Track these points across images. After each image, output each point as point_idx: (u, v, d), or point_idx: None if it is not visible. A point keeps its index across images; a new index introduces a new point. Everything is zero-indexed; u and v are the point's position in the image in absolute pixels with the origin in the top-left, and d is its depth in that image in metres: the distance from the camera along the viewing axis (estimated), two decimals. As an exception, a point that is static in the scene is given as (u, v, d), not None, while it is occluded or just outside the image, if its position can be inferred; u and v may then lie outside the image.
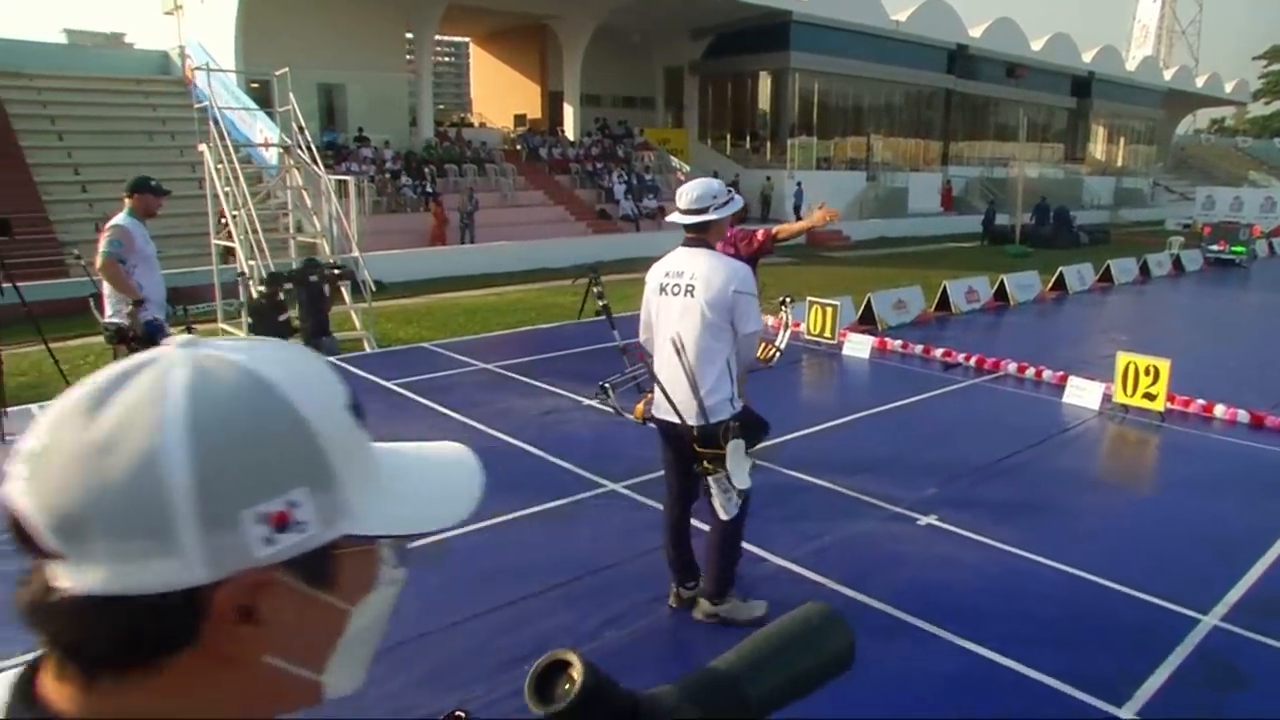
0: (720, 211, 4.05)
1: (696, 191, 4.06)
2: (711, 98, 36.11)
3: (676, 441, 4.11)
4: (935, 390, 8.64)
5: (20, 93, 25.10)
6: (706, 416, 3.87)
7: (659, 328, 4.11)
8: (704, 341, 3.91)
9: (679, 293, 3.97)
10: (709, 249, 4.06)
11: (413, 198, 25.66)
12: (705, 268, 3.95)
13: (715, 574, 4.17)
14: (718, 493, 3.89)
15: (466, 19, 34.78)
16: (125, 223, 6.29)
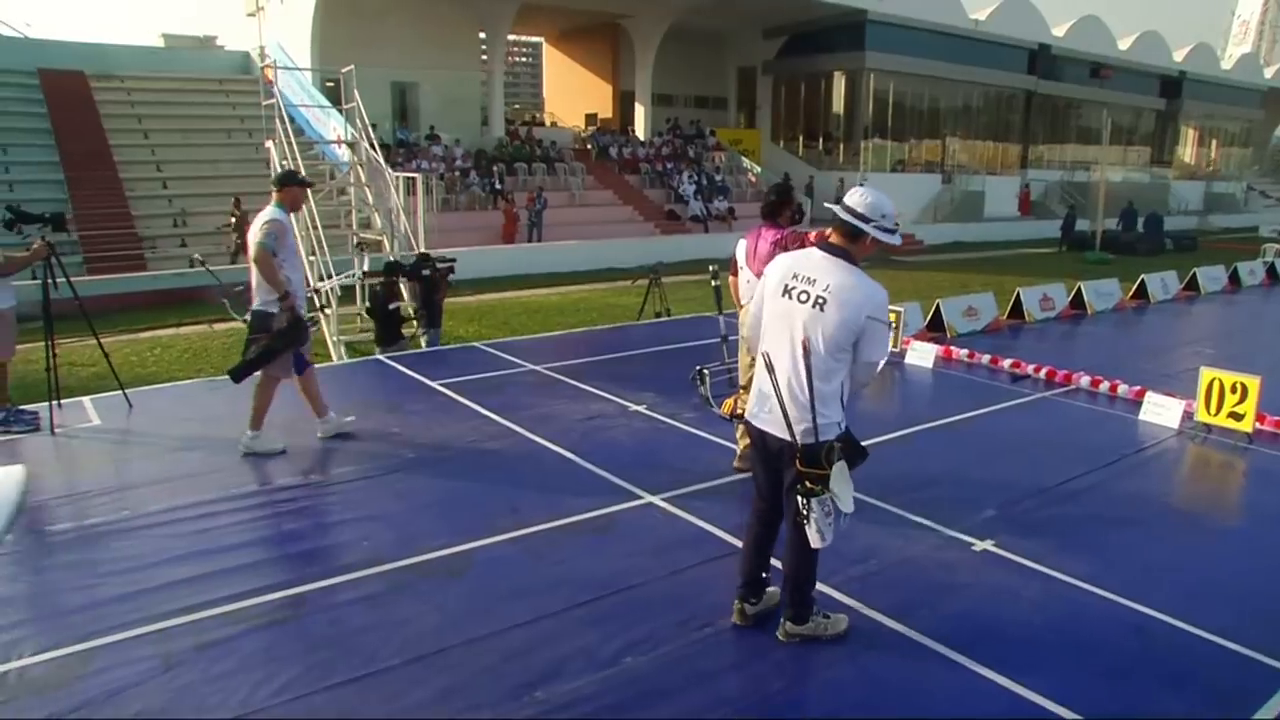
0: (880, 234, 3.74)
1: (871, 198, 3.77)
2: (784, 98, 35.62)
3: (773, 455, 3.90)
4: (1001, 403, 8.17)
5: (112, 94, 25.97)
6: (817, 435, 3.68)
7: (774, 330, 3.86)
8: (827, 358, 3.69)
9: (807, 300, 3.72)
10: (850, 263, 3.76)
11: (481, 196, 25.79)
12: (843, 283, 3.69)
13: (796, 597, 4.03)
14: (819, 515, 3.66)
15: (540, 18, 34.91)
16: (279, 216, 6.32)
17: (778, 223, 5.83)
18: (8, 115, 23.88)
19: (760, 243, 5.75)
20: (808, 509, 3.67)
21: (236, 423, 7.19)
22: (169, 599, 4.33)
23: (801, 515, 3.69)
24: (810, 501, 3.66)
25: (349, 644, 3.96)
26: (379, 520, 5.28)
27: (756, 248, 5.77)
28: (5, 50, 26.45)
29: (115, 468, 6.31)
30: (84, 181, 22.27)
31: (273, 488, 5.83)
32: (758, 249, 5.75)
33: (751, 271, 5.70)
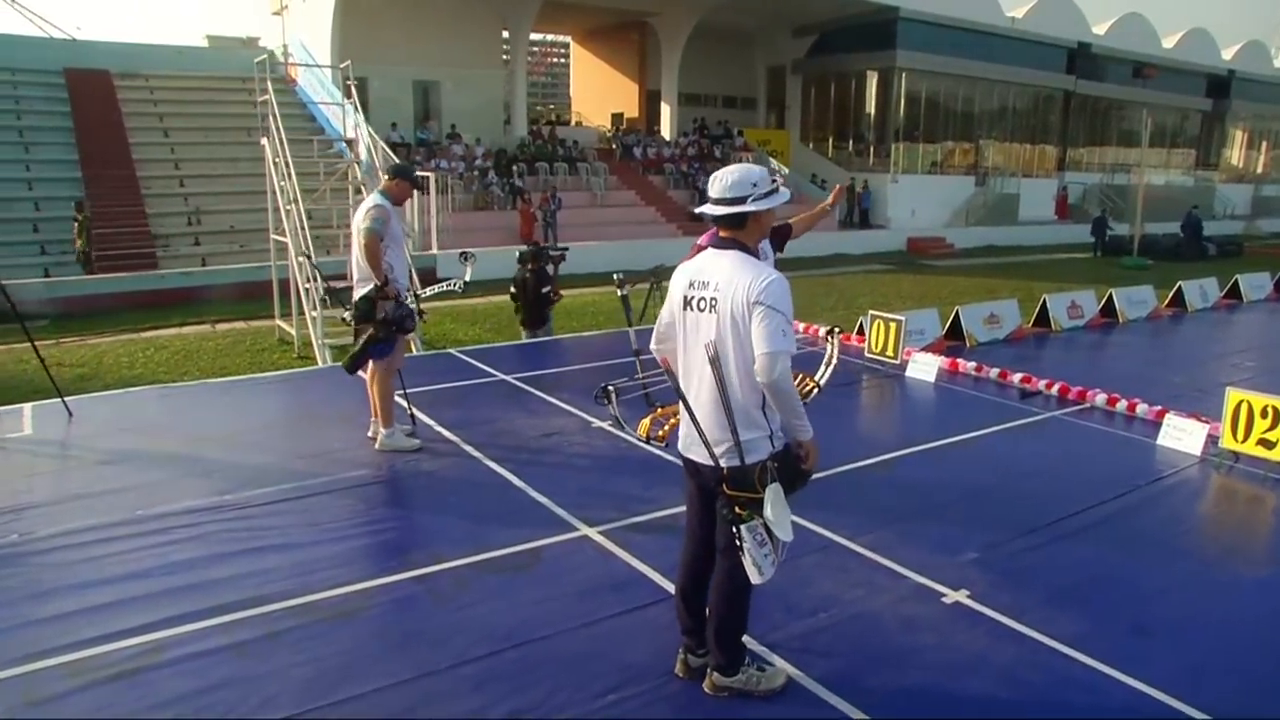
0: (761, 203, 3.28)
1: (732, 177, 3.31)
2: (814, 98, 34.81)
3: (704, 486, 3.47)
4: (1005, 423, 7.43)
5: (135, 93, 25.99)
6: (742, 455, 3.23)
7: (685, 348, 3.39)
8: (736, 367, 3.21)
9: (704, 308, 3.29)
10: (740, 250, 3.30)
11: (500, 195, 25.38)
12: (729, 273, 3.24)
13: (724, 641, 3.52)
14: (752, 546, 3.21)
15: (564, 17, 34.49)
16: (384, 203, 6.21)
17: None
18: (32, 114, 23.95)
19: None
20: (739, 539, 3.22)
21: (174, 435, 6.79)
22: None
23: (735, 547, 3.24)
24: (740, 530, 3.22)
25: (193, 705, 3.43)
26: (280, 551, 4.75)
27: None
28: (33, 50, 26.54)
29: (23, 484, 5.85)
30: (101, 180, 22.18)
31: (179, 510, 5.30)
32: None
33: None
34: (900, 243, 28.54)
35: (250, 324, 15.37)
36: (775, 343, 3.10)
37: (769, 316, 3.12)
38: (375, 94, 28.44)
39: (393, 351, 6.34)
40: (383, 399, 6.38)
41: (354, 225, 6.33)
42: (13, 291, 16.67)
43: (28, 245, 19.99)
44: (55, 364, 12.42)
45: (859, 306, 15.30)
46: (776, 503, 3.21)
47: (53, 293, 17.24)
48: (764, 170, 3.36)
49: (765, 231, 3.45)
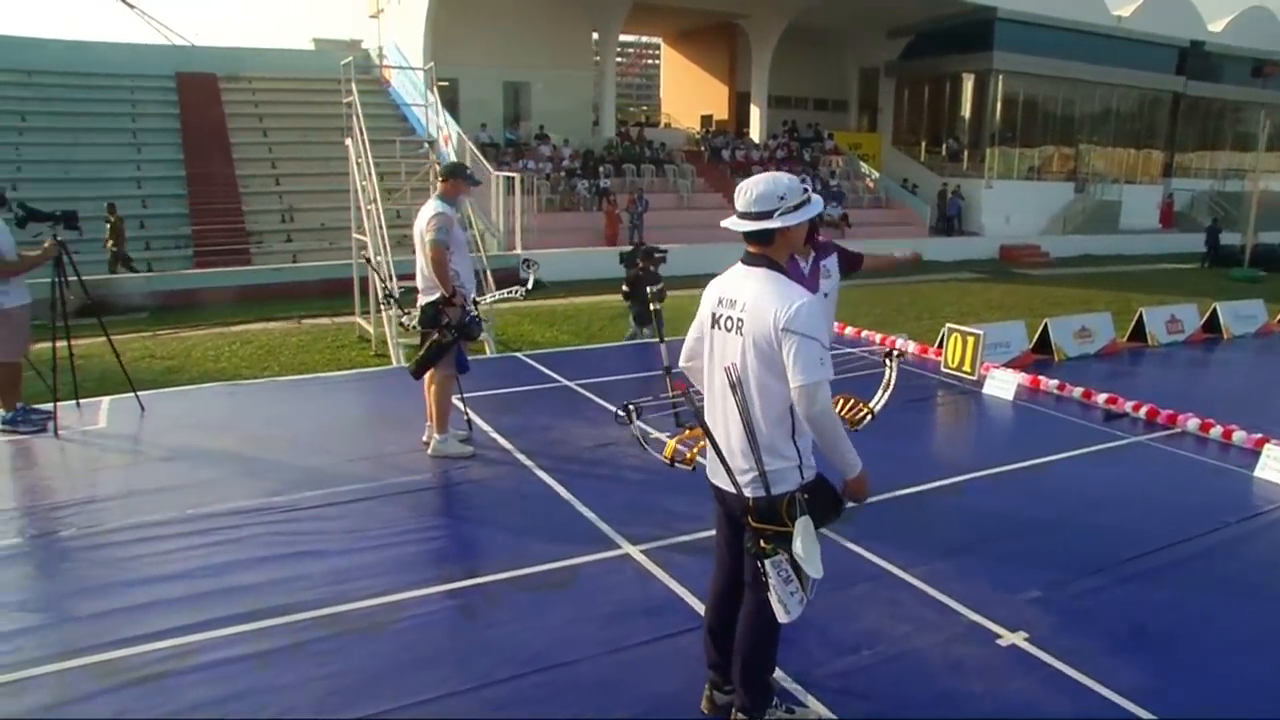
0: (789, 217, 3.05)
1: (759, 189, 3.08)
2: (907, 101, 33.96)
3: (732, 515, 3.29)
4: (1085, 447, 6.99)
5: (238, 95, 26.91)
6: (767, 485, 3.04)
7: (711, 369, 3.22)
8: (763, 392, 3.02)
9: (730, 327, 3.09)
10: (770, 268, 3.08)
11: (586, 197, 25.45)
12: (757, 293, 3.03)
13: (749, 680, 3.31)
14: (777, 583, 3.01)
15: (654, 18, 34.45)
16: (445, 210, 6.17)
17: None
18: (145, 116, 25.09)
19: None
20: (764, 574, 3.02)
21: (235, 433, 6.90)
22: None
23: (762, 582, 3.04)
24: (764, 565, 3.01)
25: (209, 714, 3.41)
26: (318, 558, 4.73)
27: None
28: (150, 56, 27.71)
29: (89, 477, 6.01)
30: (202, 178, 23.04)
31: (227, 510, 5.35)
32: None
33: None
34: (993, 250, 27.62)
35: (334, 320, 15.68)
36: (812, 373, 2.90)
37: (803, 345, 2.91)
38: (466, 95, 28.86)
39: (459, 357, 6.31)
40: (439, 404, 6.35)
41: (416, 232, 6.29)
42: (116, 285, 17.57)
43: (133, 241, 20.83)
44: (147, 356, 12.91)
45: (944, 317, 14.78)
46: (806, 537, 3.00)
47: (153, 286, 17.93)
48: (794, 180, 3.13)
49: (795, 246, 3.22)
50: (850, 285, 19.24)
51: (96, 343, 12.68)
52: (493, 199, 22.60)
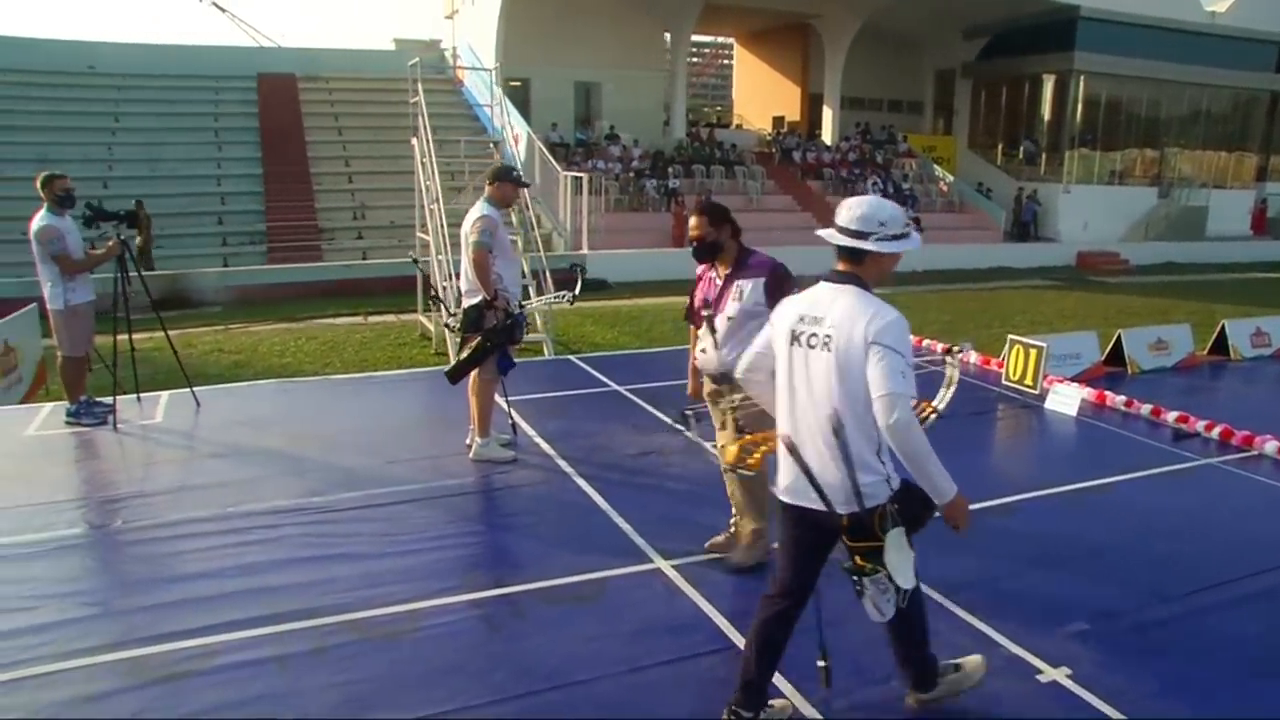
0: (885, 244, 3.07)
1: (862, 209, 3.10)
2: (984, 103, 33.13)
3: (810, 532, 3.26)
4: (1151, 468, 6.65)
5: (315, 94, 27.49)
6: (861, 500, 3.06)
7: (792, 387, 3.20)
8: (851, 409, 3.04)
9: (816, 344, 3.11)
10: (857, 286, 3.10)
11: (655, 197, 25.39)
12: (845, 309, 3.05)
13: (913, 667, 3.52)
14: (874, 593, 3.15)
15: (727, 19, 34.28)
16: (490, 213, 6.13)
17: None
18: (227, 116, 25.86)
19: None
20: (861, 588, 3.16)
21: (283, 431, 6.99)
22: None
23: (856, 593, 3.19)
24: (864, 581, 3.14)
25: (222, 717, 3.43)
26: (348, 561, 4.74)
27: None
28: (233, 58, 28.56)
29: (141, 471, 6.15)
30: (278, 176, 23.63)
31: (265, 509, 5.41)
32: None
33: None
34: (1069, 257, 26.78)
35: (400, 317, 15.90)
36: (894, 384, 2.91)
37: (888, 357, 2.93)
38: (537, 95, 29.06)
39: (501, 359, 6.28)
40: (481, 408, 6.33)
41: (462, 234, 6.29)
42: (191, 280, 18.07)
43: (212, 237, 21.48)
44: (216, 350, 13.24)
45: (1013, 325, 14.38)
46: (898, 549, 3.07)
47: (226, 281, 18.42)
48: (898, 211, 3.14)
49: (884, 274, 3.16)
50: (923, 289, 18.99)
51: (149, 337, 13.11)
52: (560, 199, 22.73)
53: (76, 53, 26.62)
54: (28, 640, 3.97)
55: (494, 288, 6.03)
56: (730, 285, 4.48)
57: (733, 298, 4.44)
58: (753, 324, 4.27)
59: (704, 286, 4.66)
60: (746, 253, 4.57)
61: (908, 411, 2.91)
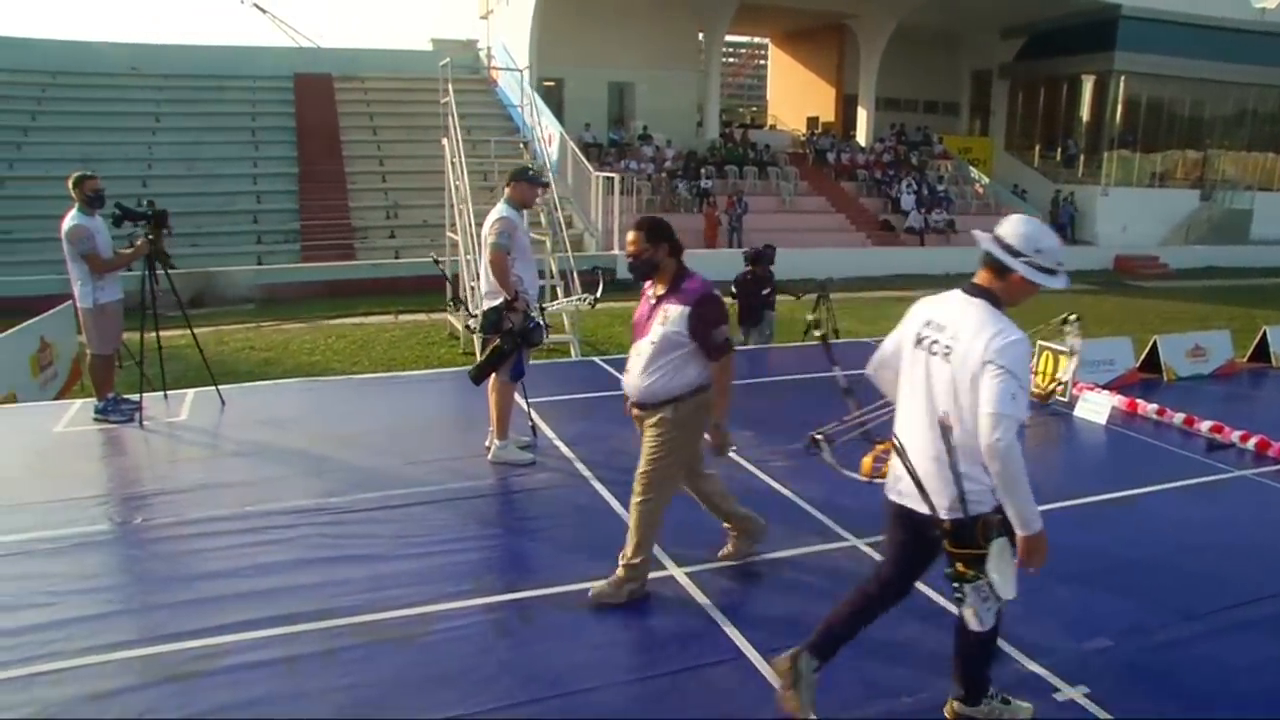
0: (1031, 272, 3.04)
1: (1023, 229, 3.09)
2: (1021, 104, 32.72)
3: (913, 532, 3.32)
4: (1181, 480, 6.48)
5: (351, 94, 27.79)
6: (965, 507, 3.10)
7: (909, 389, 3.30)
8: (964, 420, 3.07)
9: (937, 352, 3.15)
10: (989, 301, 3.09)
11: (687, 198, 25.33)
12: (971, 324, 3.07)
13: (964, 675, 3.47)
14: (975, 600, 3.17)
15: (761, 19, 34.17)
16: (509, 214, 6.11)
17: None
18: (264, 116, 26.23)
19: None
20: (961, 595, 3.20)
21: (305, 430, 7.03)
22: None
23: (956, 599, 3.26)
24: (964, 588, 3.17)
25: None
26: (361, 563, 4.74)
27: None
28: (271, 58, 28.91)
29: (165, 468, 6.21)
30: (313, 175, 23.88)
31: (283, 509, 5.43)
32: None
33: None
34: (1107, 261, 26.36)
35: (430, 316, 15.99)
36: (1003, 404, 2.90)
37: (1002, 377, 2.92)
38: (571, 95, 29.12)
39: (515, 364, 6.27)
40: (500, 410, 6.31)
41: (482, 237, 6.28)
42: (224, 277, 18.28)
43: (246, 235, 21.74)
44: (247, 347, 13.39)
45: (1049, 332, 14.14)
46: (1001, 559, 3.07)
47: (260, 279, 18.63)
48: (1058, 247, 3.10)
49: (1017, 299, 3.12)
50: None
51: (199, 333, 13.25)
52: (592, 199, 22.74)
53: (121, 54, 27.10)
54: (43, 636, 4.01)
55: (515, 289, 6.01)
56: (659, 307, 4.25)
57: (658, 321, 4.21)
58: (676, 353, 4.17)
59: (642, 304, 4.42)
60: (683, 275, 4.26)
61: (1010, 435, 2.91)
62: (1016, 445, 2.93)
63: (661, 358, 4.19)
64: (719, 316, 4.20)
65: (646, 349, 4.24)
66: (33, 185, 20.68)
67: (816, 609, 4.26)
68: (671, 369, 4.19)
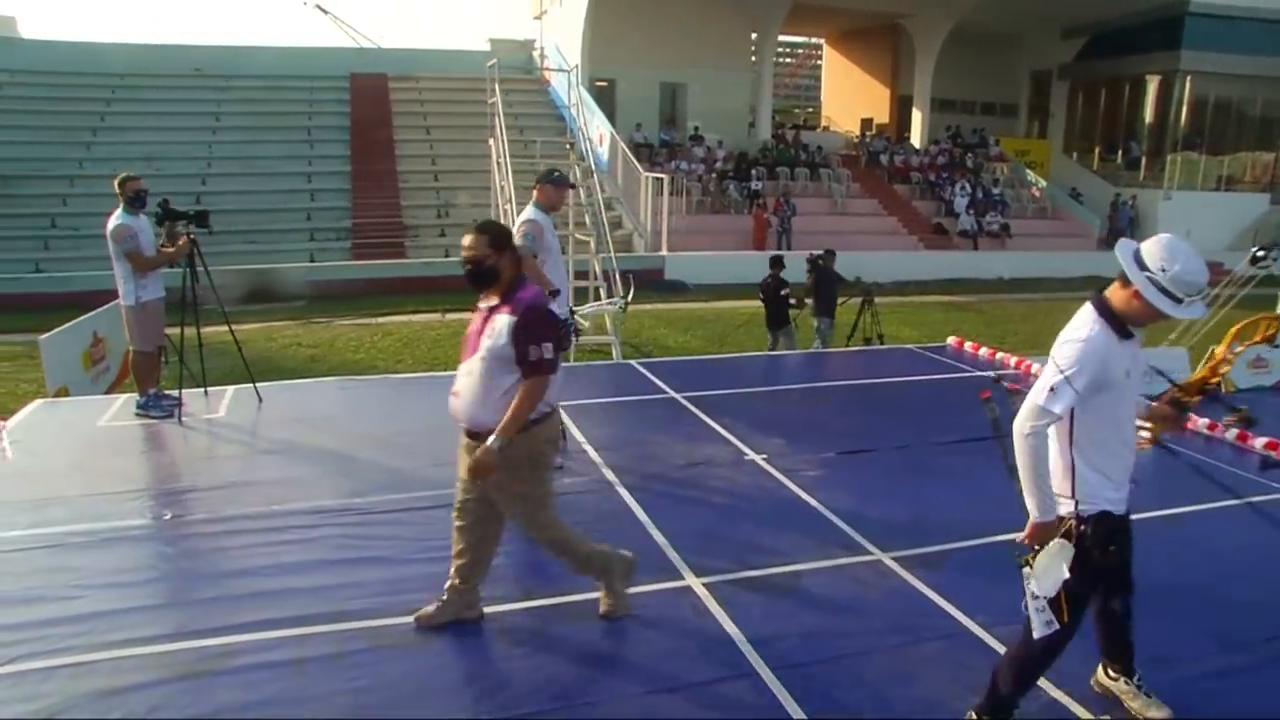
0: (1147, 288, 2.99)
1: (1163, 246, 3.03)
2: (1082, 105, 31.92)
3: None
4: (1232, 499, 6.21)
5: (405, 94, 28.11)
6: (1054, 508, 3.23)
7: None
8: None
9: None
10: (1096, 307, 3.14)
11: (737, 199, 25.19)
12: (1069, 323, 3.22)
13: (992, 689, 3.42)
14: (1030, 598, 3.22)
15: (816, 19, 33.85)
16: (536, 216, 6.14)
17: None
18: (320, 115, 26.65)
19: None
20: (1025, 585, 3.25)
21: (337, 430, 7.09)
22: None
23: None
24: (1029, 582, 3.22)
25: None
26: (380, 565, 4.76)
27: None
28: (328, 59, 29.37)
29: (199, 464, 6.31)
30: (366, 174, 24.19)
31: (308, 509, 5.47)
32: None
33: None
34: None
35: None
36: (1035, 394, 3.07)
37: (1048, 370, 3.08)
38: (623, 95, 29.13)
39: None
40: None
41: None
42: (277, 274, 18.58)
43: (299, 232, 22.10)
44: (295, 344, 13.59)
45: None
46: (1051, 557, 3.13)
47: (311, 276, 18.92)
48: (1194, 276, 2.96)
49: (1132, 314, 3.07)
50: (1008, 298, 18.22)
51: (250, 329, 13.51)
52: (641, 199, 22.72)
53: (185, 56, 27.75)
54: (67, 629, 4.08)
55: (552, 285, 5.95)
56: (490, 320, 3.84)
57: (488, 335, 3.81)
58: (508, 379, 3.76)
59: (474, 318, 4.00)
60: (517, 286, 3.86)
61: (1029, 422, 3.04)
62: (1034, 435, 3.04)
63: (493, 378, 3.78)
64: (545, 332, 3.78)
65: (476, 366, 3.82)
66: (100, 184, 21.18)
67: (835, 625, 4.23)
68: (500, 393, 3.78)
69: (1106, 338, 3.07)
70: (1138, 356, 3.19)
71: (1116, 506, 3.25)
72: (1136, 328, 3.13)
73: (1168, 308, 2.96)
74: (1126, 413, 3.24)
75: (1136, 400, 3.39)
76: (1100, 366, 3.03)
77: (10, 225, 20.42)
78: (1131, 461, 3.34)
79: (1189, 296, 2.95)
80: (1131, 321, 3.08)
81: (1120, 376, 3.09)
